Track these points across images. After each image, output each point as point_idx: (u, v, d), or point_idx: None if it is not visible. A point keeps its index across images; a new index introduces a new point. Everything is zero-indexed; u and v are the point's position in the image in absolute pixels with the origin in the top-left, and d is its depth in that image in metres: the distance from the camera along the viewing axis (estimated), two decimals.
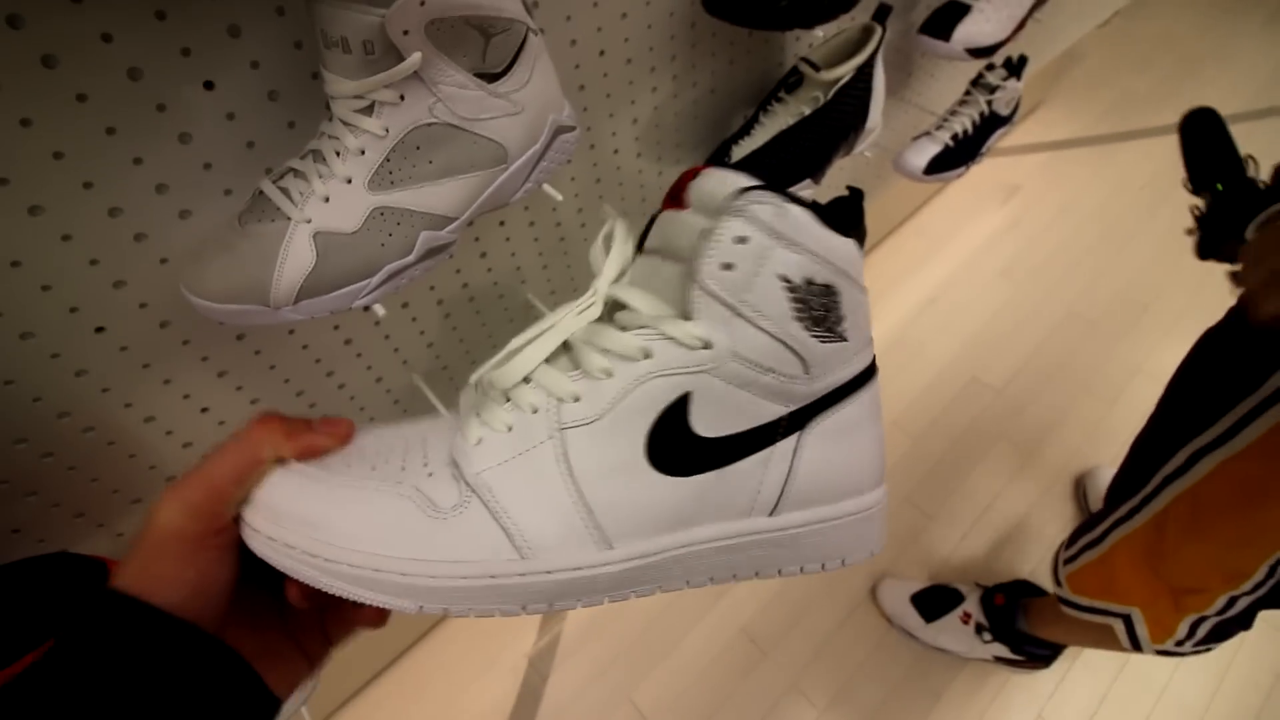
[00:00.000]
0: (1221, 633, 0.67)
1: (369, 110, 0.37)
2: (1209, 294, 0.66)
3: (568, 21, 0.54)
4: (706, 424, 0.25)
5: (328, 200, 0.38)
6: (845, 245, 0.25)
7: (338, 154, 0.38)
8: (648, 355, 0.25)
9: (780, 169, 0.67)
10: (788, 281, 0.24)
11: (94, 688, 0.20)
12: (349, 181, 0.38)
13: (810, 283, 0.24)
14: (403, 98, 0.37)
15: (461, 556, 0.24)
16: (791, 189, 0.69)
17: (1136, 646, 0.71)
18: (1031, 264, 1.51)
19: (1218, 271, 0.65)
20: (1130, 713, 0.97)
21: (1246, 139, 1.86)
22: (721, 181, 0.25)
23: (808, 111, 0.67)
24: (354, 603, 0.25)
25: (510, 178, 0.44)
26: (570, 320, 0.26)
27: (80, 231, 0.39)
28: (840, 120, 0.68)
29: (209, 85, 0.39)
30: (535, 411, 0.25)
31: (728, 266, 0.24)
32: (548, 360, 0.26)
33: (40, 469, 0.45)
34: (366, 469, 0.26)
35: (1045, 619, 0.93)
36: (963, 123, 0.91)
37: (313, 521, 0.24)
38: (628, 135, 0.67)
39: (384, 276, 0.41)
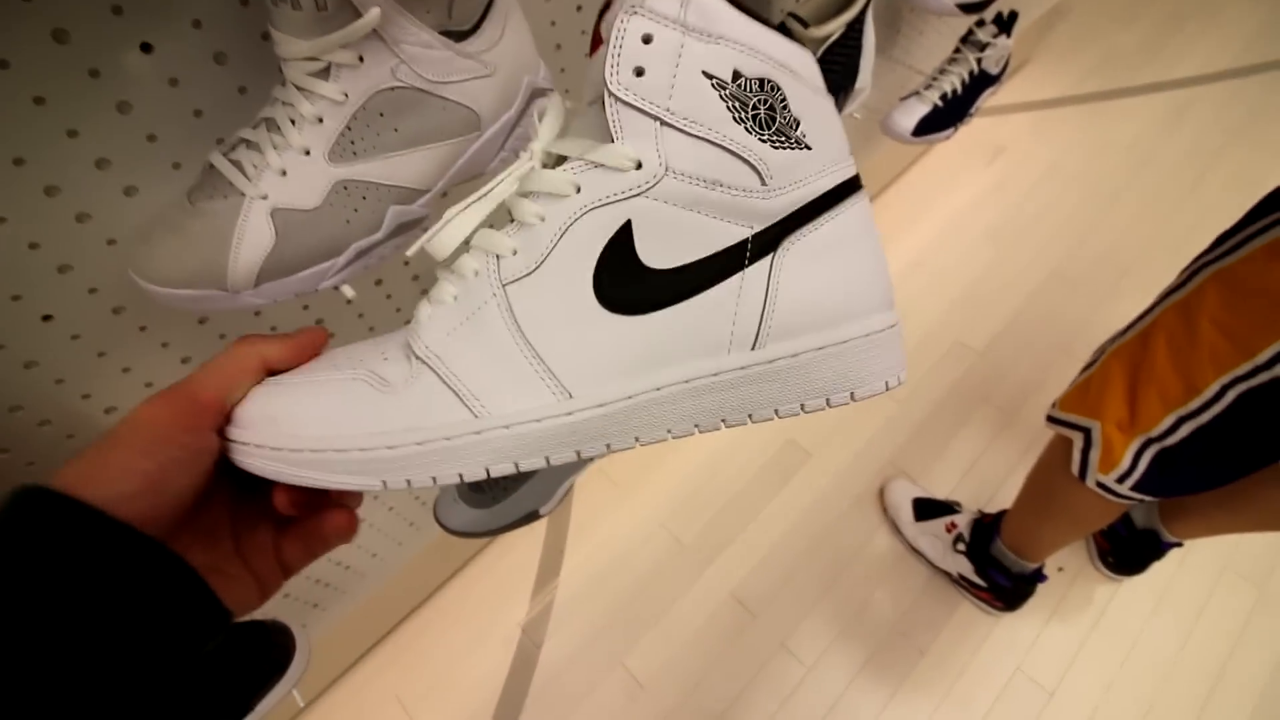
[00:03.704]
0: (1157, 475, 0.67)
1: (325, 73, 0.34)
2: (1189, 256, 0.65)
3: None
4: (656, 254, 0.23)
5: (285, 174, 0.35)
6: (774, 36, 0.22)
7: (293, 122, 0.35)
8: (577, 189, 0.23)
9: None
10: (713, 78, 0.22)
11: (5, 582, 0.18)
12: (307, 153, 0.35)
13: (740, 76, 0.22)
14: (362, 59, 0.34)
15: (414, 424, 0.24)
16: None
17: (1084, 473, 0.73)
18: (1016, 226, 1.50)
19: (1198, 235, 0.65)
20: (1105, 662, 1.00)
21: (1234, 95, 1.84)
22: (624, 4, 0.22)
23: None
24: (321, 512, 0.27)
25: (484, 145, 0.42)
26: (506, 185, 0.25)
27: (15, 213, 0.35)
28: (829, 80, 0.65)
29: (146, 48, 0.35)
30: (476, 274, 0.24)
31: (639, 72, 0.22)
32: (489, 225, 0.25)
33: None
34: (329, 368, 0.26)
35: (1013, 517, 0.96)
36: (952, 82, 0.89)
37: (274, 417, 0.24)
38: None
39: (351, 255, 0.38)
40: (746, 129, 0.22)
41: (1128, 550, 1.02)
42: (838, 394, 0.25)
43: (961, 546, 1.03)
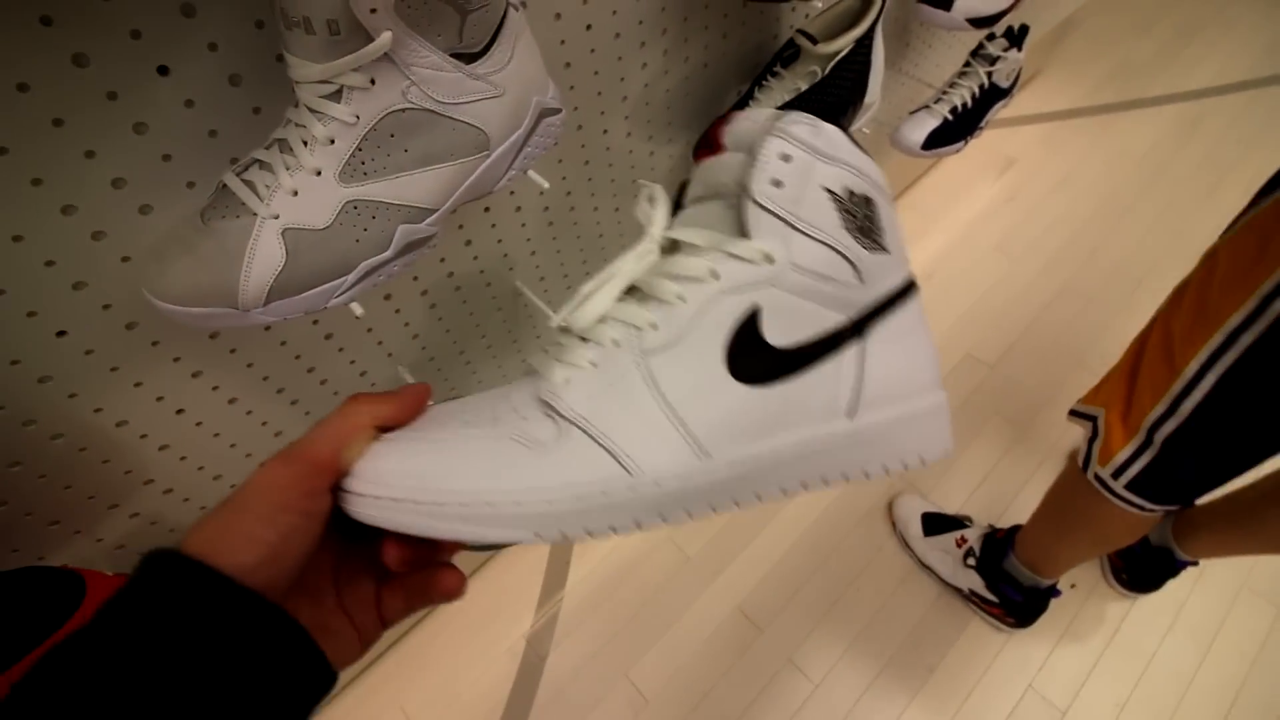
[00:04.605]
0: (1149, 476, 0.66)
1: (337, 96, 0.34)
2: None
3: None
4: (778, 334, 0.27)
5: (296, 194, 0.35)
6: (872, 163, 0.28)
7: (305, 143, 0.35)
8: (716, 276, 0.27)
9: None
10: (832, 193, 0.27)
11: (140, 650, 0.19)
12: (318, 173, 0.35)
13: (851, 195, 0.27)
14: (373, 82, 0.35)
15: (573, 480, 0.25)
16: None
17: (1086, 465, 0.72)
18: (1027, 238, 1.49)
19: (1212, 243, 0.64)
20: (1119, 681, 0.99)
21: (1248, 106, 1.82)
22: (753, 118, 0.27)
23: (804, 87, 0.65)
24: (434, 572, 0.28)
25: (493, 165, 0.42)
26: (631, 265, 0.28)
27: (33, 231, 0.36)
28: (838, 96, 0.66)
29: (164, 70, 0.36)
30: (617, 344, 0.27)
31: (777, 183, 0.26)
32: (618, 300, 0.28)
33: (9, 479, 0.43)
34: (459, 425, 0.27)
35: (1029, 531, 0.95)
36: (962, 95, 0.89)
37: (417, 472, 0.25)
38: (617, 115, 0.64)
39: (360, 274, 0.38)
40: (852, 236, 0.28)
41: (1142, 567, 1.01)
42: (910, 457, 0.30)
43: (972, 561, 1.02)
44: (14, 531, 0.46)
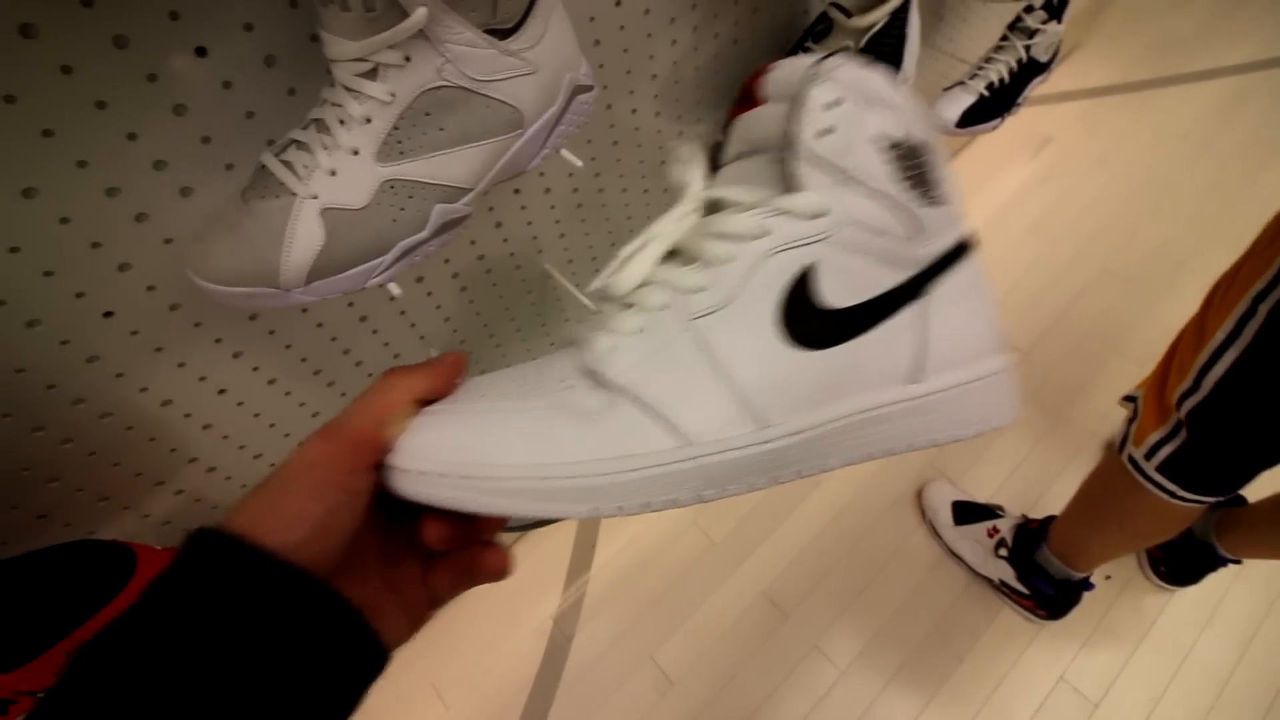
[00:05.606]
0: (1180, 459, 0.64)
1: (373, 74, 0.34)
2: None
3: None
4: (833, 294, 0.25)
5: (334, 174, 0.35)
6: (923, 109, 0.26)
7: (342, 122, 0.35)
8: (766, 232, 0.25)
9: None
10: (884, 142, 0.25)
11: (188, 631, 0.19)
12: (356, 153, 0.35)
13: (904, 143, 0.25)
14: (408, 59, 0.34)
15: (627, 451, 0.24)
16: None
17: (1122, 445, 0.71)
18: (1063, 220, 1.45)
19: (1257, 227, 0.61)
20: (1154, 675, 0.97)
21: None
22: (794, 65, 0.26)
23: None
24: (477, 551, 0.27)
25: (527, 143, 0.42)
26: (671, 227, 0.27)
27: (78, 214, 0.37)
28: None
29: (201, 52, 0.36)
30: (664, 309, 0.26)
31: (826, 132, 0.24)
32: (661, 263, 0.27)
33: (60, 455, 0.45)
34: (499, 396, 0.26)
35: (1063, 522, 0.93)
36: (999, 71, 0.86)
37: (463, 445, 0.24)
38: (646, 93, 0.63)
39: (398, 254, 0.39)
40: (906, 186, 0.26)
41: (1182, 559, 0.98)
42: (976, 425, 0.28)
43: (1004, 552, 1.00)
44: (65, 507, 0.47)
